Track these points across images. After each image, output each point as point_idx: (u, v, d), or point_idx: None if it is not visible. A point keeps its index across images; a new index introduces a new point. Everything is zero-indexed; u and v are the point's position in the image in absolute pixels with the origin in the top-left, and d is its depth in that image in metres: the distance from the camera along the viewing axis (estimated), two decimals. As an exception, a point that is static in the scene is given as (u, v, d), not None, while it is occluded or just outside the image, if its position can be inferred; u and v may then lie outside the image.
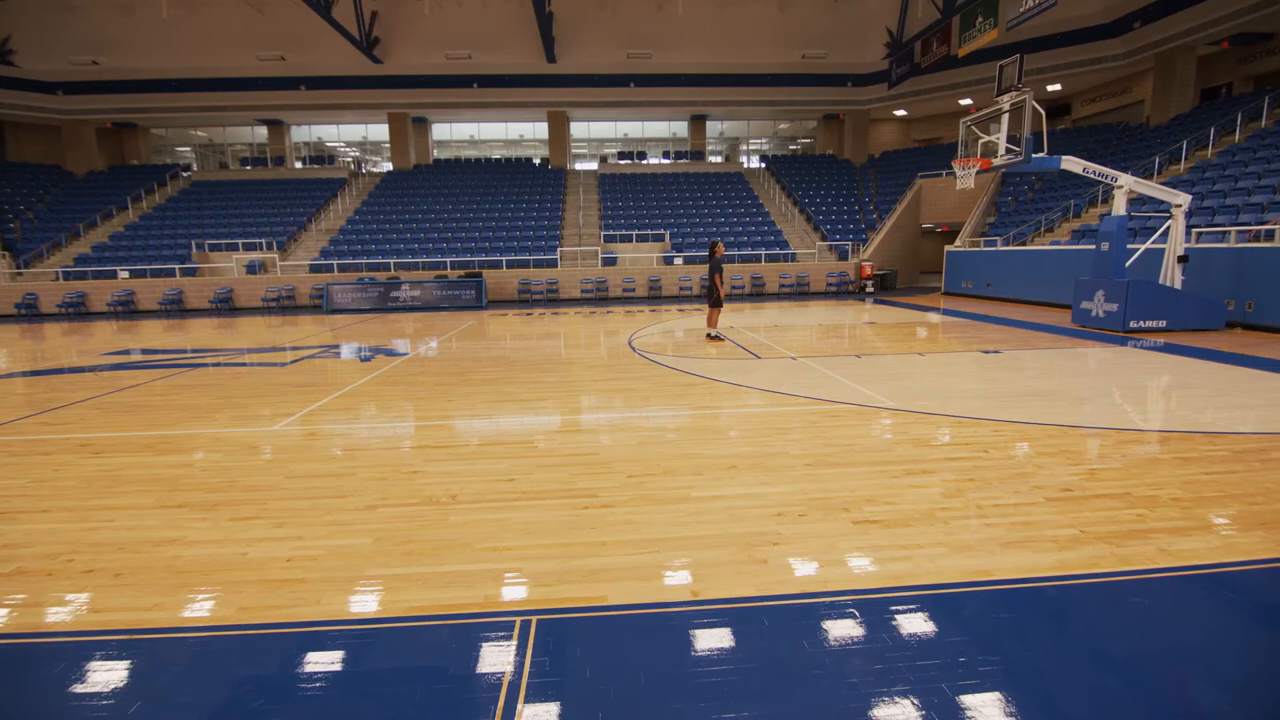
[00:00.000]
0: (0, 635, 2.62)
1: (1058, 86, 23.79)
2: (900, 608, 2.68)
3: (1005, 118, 10.71)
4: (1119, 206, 10.98)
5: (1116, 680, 2.24)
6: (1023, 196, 21.75)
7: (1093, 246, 11.77)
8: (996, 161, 11.00)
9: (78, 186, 26.38)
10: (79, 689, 2.28)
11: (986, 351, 9.15)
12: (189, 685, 2.30)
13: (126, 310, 20.00)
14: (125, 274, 20.74)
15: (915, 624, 2.57)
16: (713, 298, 10.69)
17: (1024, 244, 18.08)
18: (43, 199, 25.36)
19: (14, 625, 2.69)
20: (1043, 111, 10.74)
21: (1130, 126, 22.13)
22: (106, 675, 2.35)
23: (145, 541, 3.45)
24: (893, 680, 2.23)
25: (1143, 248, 11.46)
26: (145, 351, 11.46)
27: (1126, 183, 10.84)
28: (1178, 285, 10.95)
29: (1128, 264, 10.99)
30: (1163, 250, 11.21)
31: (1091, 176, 10.88)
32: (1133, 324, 10.49)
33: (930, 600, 2.72)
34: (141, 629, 2.64)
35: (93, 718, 2.13)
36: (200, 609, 2.79)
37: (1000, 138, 10.82)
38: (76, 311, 19.76)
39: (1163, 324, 10.55)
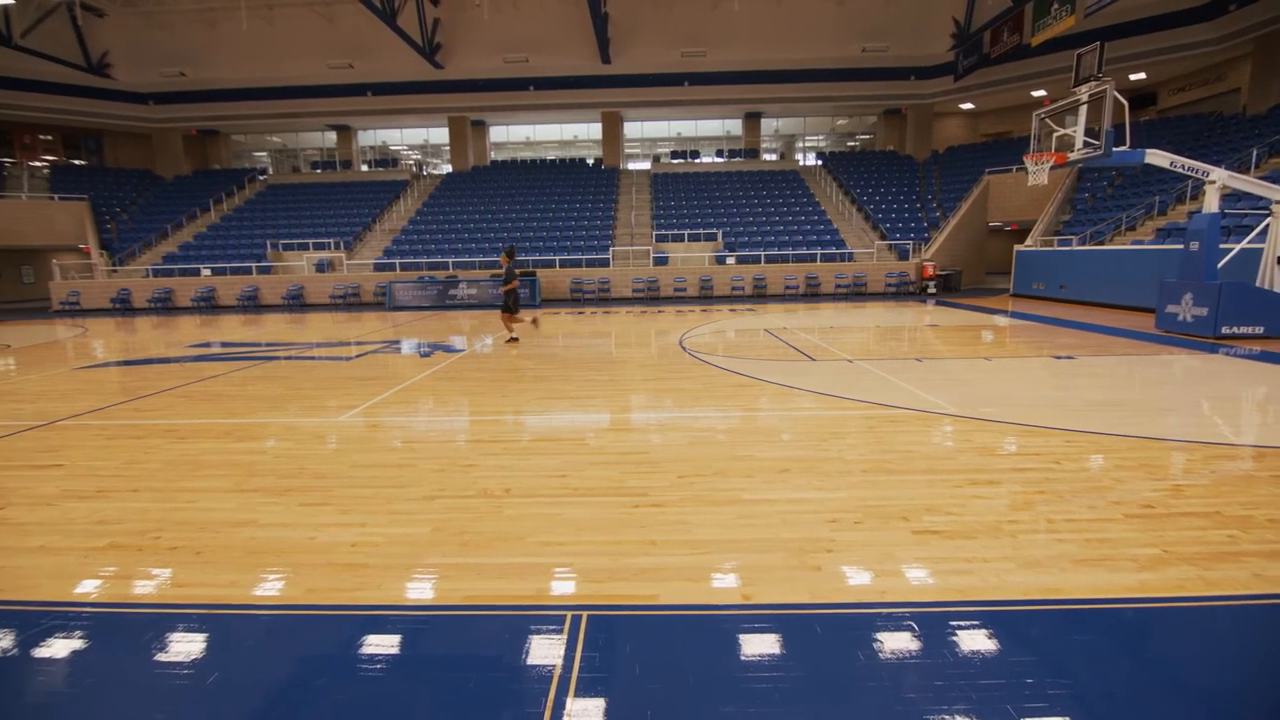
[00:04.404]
0: (96, 604, 2.84)
1: (1141, 75, 22.26)
2: (962, 623, 2.56)
3: (1083, 109, 10.14)
4: (1211, 203, 10.20)
5: (1201, 714, 2.08)
6: (1101, 193, 20.50)
7: (1180, 246, 10.98)
8: (1073, 156, 10.42)
9: (166, 190, 28.34)
10: (163, 657, 2.44)
11: (1059, 357, 8.67)
12: (260, 659, 2.43)
13: (208, 305, 21.36)
14: (207, 272, 22.15)
15: (978, 641, 2.46)
16: (507, 303, 10.62)
17: (1101, 243, 17.04)
18: (135, 201, 27.38)
19: (107, 595, 2.91)
20: (1125, 102, 10.09)
21: (1224, 117, 20.48)
22: (188, 646, 2.51)
23: (223, 522, 3.67)
24: (953, 699, 2.13)
25: (1238, 247, 10.61)
26: (224, 344, 12.20)
27: (1219, 177, 10.06)
28: (1278, 289, 10.08)
29: (1220, 265, 10.19)
30: (1260, 250, 10.35)
31: (1180, 171, 10.17)
32: (1225, 329, 9.72)
33: (994, 617, 2.60)
34: (219, 604, 2.81)
35: (174, 684, 2.29)
36: (271, 588, 2.95)
37: (1077, 131, 10.25)
38: (164, 306, 21.25)
39: (1260, 330, 9.74)
